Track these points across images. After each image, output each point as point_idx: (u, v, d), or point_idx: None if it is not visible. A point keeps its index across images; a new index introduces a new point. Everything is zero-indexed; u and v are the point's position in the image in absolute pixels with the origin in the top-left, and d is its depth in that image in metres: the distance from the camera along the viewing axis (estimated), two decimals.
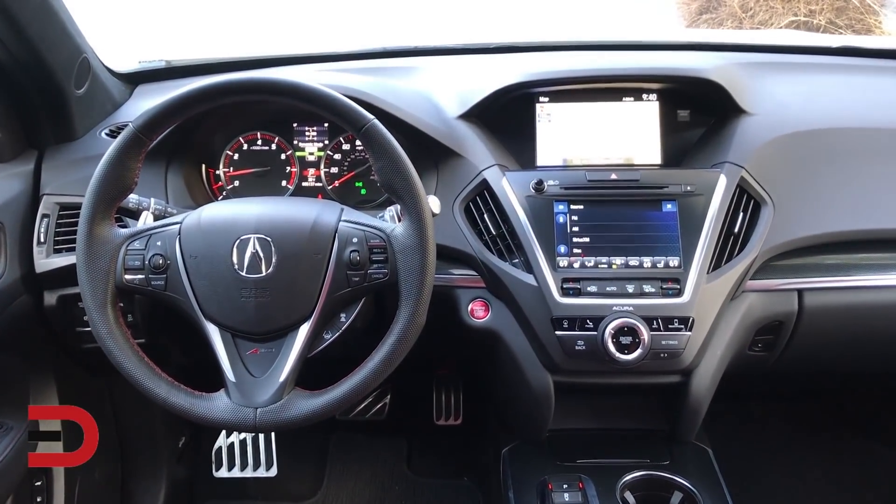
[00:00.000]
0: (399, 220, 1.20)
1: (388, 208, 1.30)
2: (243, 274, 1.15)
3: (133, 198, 1.29)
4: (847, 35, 5.68)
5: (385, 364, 1.15)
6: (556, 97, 1.55)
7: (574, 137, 1.54)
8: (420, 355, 1.24)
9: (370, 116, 1.15)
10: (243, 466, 2.06)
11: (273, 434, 2.06)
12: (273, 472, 2.05)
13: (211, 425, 1.17)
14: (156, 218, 1.29)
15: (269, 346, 1.18)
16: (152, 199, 1.32)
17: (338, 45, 1.88)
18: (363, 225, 1.20)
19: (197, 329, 1.19)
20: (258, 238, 1.16)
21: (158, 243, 1.19)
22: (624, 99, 1.55)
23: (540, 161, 1.53)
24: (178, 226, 1.20)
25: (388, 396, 2.11)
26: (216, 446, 2.07)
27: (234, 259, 1.16)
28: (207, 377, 1.22)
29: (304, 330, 1.17)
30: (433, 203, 1.26)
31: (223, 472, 2.05)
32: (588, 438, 1.54)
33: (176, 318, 1.22)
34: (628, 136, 1.54)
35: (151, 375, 1.16)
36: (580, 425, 1.55)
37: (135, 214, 1.30)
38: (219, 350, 1.17)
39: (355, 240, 1.18)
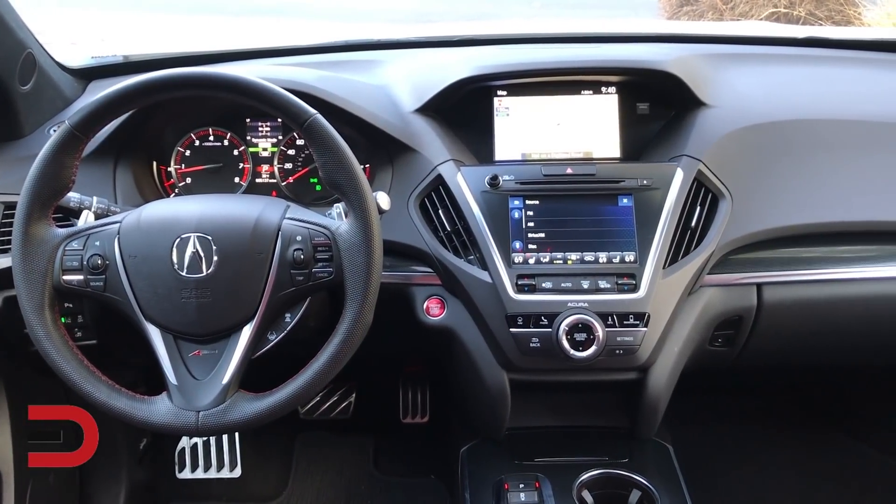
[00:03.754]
0: (346, 217, 1.18)
1: (336, 205, 1.27)
2: (183, 274, 1.13)
3: (74, 196, 1.26)
4: (825, 26, 5.68)
5: (330, 365, 1.13)
6: (514, 91, 1.52)
7: (533, 131, 1.52)
8: (384, 354, 1.22)
9: (312, 111, 1.13)
10: (207, 467, 2.03)
11: (237, 434, 2.03)
12: (237, 472, 2.03)
13: (152, 429, 1.14)
14: (97, 217, 1.27)
15: (212, 347, 1.16)
16: (94, 198, 1.29)
17: (299, 39, 1.85)
18: (307, 222, 1.17)
19: (138, 331, 1.16)
20: (198, 237, 1.14)
21: (97, 243, 1.16)
22: (583, 92, 1.52)
23: (498, 156, 1.51)
24: (117, 225, 1.17)
25: (354, 395, 2.08)
26: (179, 447, 2.04)
27: (174, 259, 1.13)
28: None
29: (247, 331, 1.15)
30: (382, 199, 1.23)
31: (186, 474, 2.02)
32: (548, 436, 1.52)
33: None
34: (587, 129, 1.52)
35: (90, 378, 1.13)
36: (541, 423, 1.53)
37: (77, 214, 1.27)
38: (160, 352, 1.15)
39: (299, 238, 1.16)
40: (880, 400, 2.07)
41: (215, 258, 1.13)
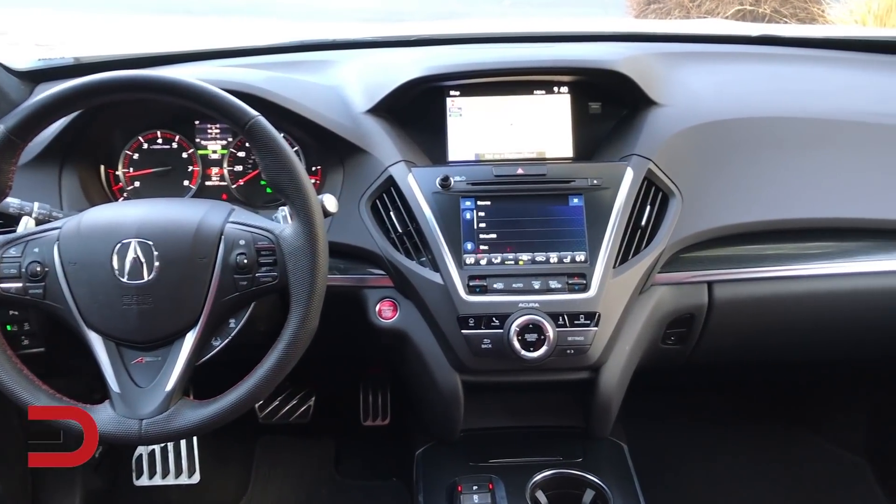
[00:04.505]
0: (291, 221, 1.17)
1: (281, 208, 1.25)
2: (124, 280, 1.11)
3: (14, 202, 1.24)
4: (790, 24, 5.74)
5: (275, 371, 1.12)
6: (467, 91, 1.51)
7: (486, 132, 1.51)
8: (340, 357, 1.21)
9: (254, 113, 1.12)
10: (165, 474, 2.00)
11: (195, 439, 2.01)
12: (196, 478, 2.00)
13: None
14: (38, 223, 1.24)
15: (155, 354, 1.14)
16: (35, 204, 1.27)
17: (253, 40, 1.83)
18: (251, 226, 1.16)
19: (79, 339, 1.14)
20: (139, 242, 1.12)
21: (36, 250, 1.14)
22: (535, 92, 1.52)
23: (451, 156, 1.50)
24: (57, 231, 1.15)
25: (313, 399, 2.06)
26: (137, 454, 2.01)
27: (115, 265, 1.12)
28: None
29: (190, 337, 1.14)
30: (329, 202, 1.22)
31: (144, 481, 1.99)
32: (503, 437, 1.51)
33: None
34: (540, 129, 1.52)
35: (29, 387, 1.12)
36: (496, 424, 1.53)
37: (16, 219, 1.25)
38: (102, 360, 1.13)
39: (242, 242, 1.15)
40: (834, 393, 2.10)
41: (157, 264, 1.12)
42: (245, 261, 1.13)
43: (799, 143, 1.51)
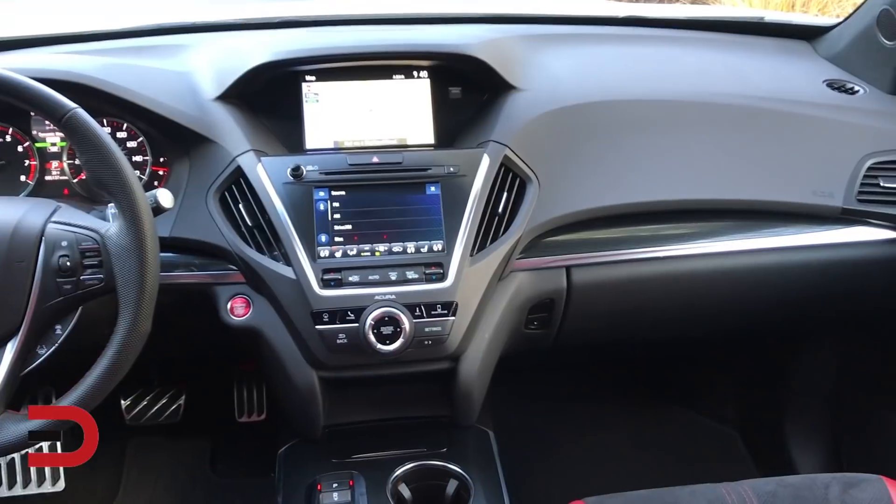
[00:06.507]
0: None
1: (110, 205, 1.18)
2: None
3: None
4: (678, 5, 5.86)
5: (105, 379, 1.06)
6: (324, 76, 1.46)
7: (345, 118, 1.46)
8: (206, 355, 1.15)
9: (71, 105, 1.04)
10: (26, 483, 1.88)
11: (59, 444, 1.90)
12: (61, 485, 1.89)
13: None
14: None
15: None
16: None
17: (101, 23, 1.72)
18: (75, 226, 1.09)
19: None
20: None
21: None
22: (395, 77, 1.47)
23: (309, 144, 1.45)
24: None
25: (183, 398, 1.99)
26: None
27: None
28: None
29: (11, 347, 1.06)
30: (163, 197, 1.16)
31: (3, 492, 1.87)
32: (369, 432, 1.48)
33: None
34: (401, 115, 1.48)
35: None
36: (362, 418, 1.49)
37: None
38: None
39: (65, 243, 1.07)
40: (705, 369, 2.16)
41: None
42: (68, 263, 1.07)
43: (656, 126, 1.52)
